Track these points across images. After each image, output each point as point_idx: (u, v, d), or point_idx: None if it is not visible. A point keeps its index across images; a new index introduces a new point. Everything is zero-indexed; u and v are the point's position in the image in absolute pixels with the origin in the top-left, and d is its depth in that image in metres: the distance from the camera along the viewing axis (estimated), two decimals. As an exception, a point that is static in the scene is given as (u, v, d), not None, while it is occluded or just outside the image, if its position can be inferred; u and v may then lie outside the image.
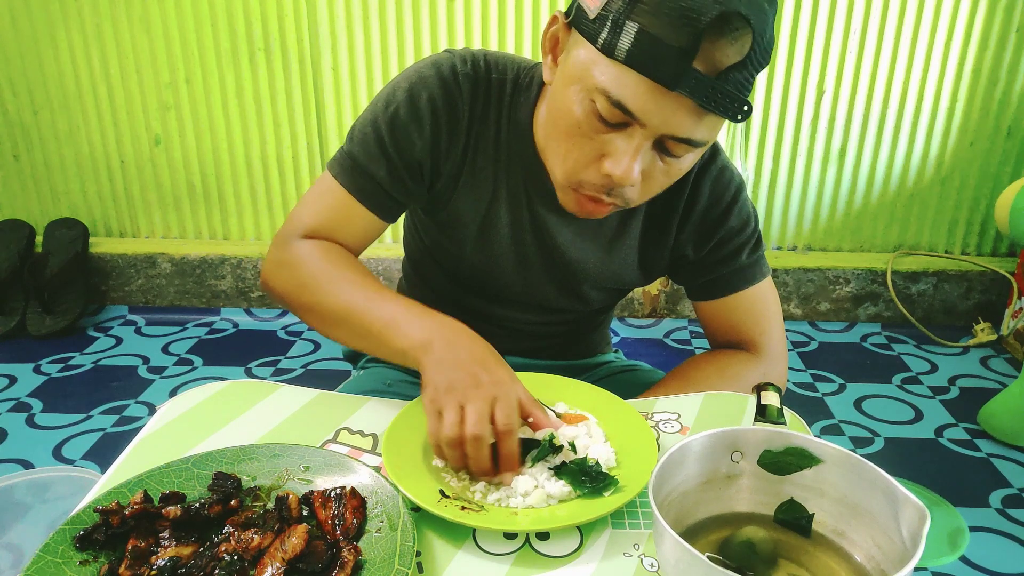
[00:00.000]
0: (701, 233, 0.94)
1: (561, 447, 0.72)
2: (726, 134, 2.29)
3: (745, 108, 0.69)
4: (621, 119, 0.71)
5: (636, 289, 2.47)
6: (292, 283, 0.88)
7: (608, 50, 0.69)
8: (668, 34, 0.65)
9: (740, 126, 2.21)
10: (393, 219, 0.93)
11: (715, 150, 0.93)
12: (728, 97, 0.68)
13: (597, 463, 0.70)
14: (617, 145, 0.73)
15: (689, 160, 0.77)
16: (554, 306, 1.01)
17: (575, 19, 0.73)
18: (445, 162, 0.89)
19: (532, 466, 0.71)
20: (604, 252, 0.94)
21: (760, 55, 0.68)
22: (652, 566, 0.62)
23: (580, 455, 0.72)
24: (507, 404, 0.70)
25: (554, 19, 0.77)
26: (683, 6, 0.65)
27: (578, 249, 0.93)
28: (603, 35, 0.69)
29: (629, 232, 0.94)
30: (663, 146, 0.73)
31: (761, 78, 2.28)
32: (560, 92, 0.76)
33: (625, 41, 0.67)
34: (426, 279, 1.06)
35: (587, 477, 0.69)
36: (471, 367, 0.72)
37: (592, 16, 0.70)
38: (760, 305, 0.97)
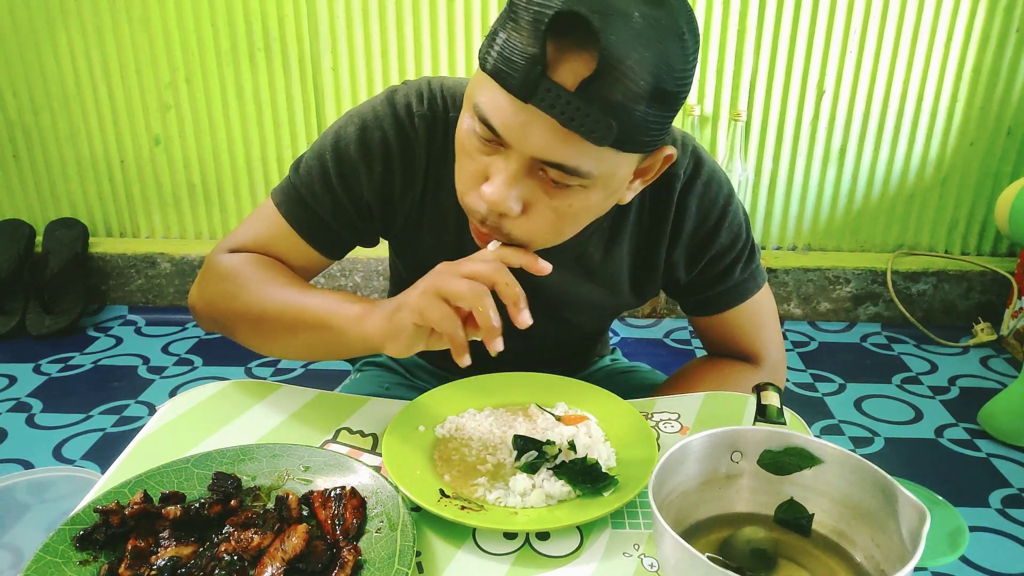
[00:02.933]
0: (691, 253, 0.89)
1: (551, 455, 0.72)
2: (726, 134, 2.29)
3: (617, 131, 0.61)
4: (490, 137, 0.66)
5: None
6: (222, 294, 0.83)
7: (482, 62, 0.64)
8: (522, 40, 0.61)
9: (740, 126, 2.20)
10: (338, 256, 0.88)
11: (698, 162, 0.86)
12: (594, 115, 0.60)
13: (597, 463, 0.70)
14: (495, 167, 0.67)
15: (583, 199, 0.68)
16: (541, 334, 0.98)
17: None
18: (400, 204, 0.84)
19: (525, 469, 0.71)
20: (588, 282, 0.90)
21: (639, 70, 0.60)
22: (652, 566, 0.62)
23: (580, 455, 0.72)
24: (475, 267, 0.66)
25: None
26: (535, 8, 0.60)
27: (558, 283, 0.88)
28: (484, 47, 0.65)
29: (614, 261, 0.89)
30: (545, 175, 0.67)
31: (761, 78, 2.28)
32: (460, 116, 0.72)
33: (494, 50, 0.63)
34: None
35: (587, 477, 0.69)
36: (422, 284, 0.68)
37: None
38: (757, 317, 0.94)
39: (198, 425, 0.78)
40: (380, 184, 0.82)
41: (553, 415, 0.80)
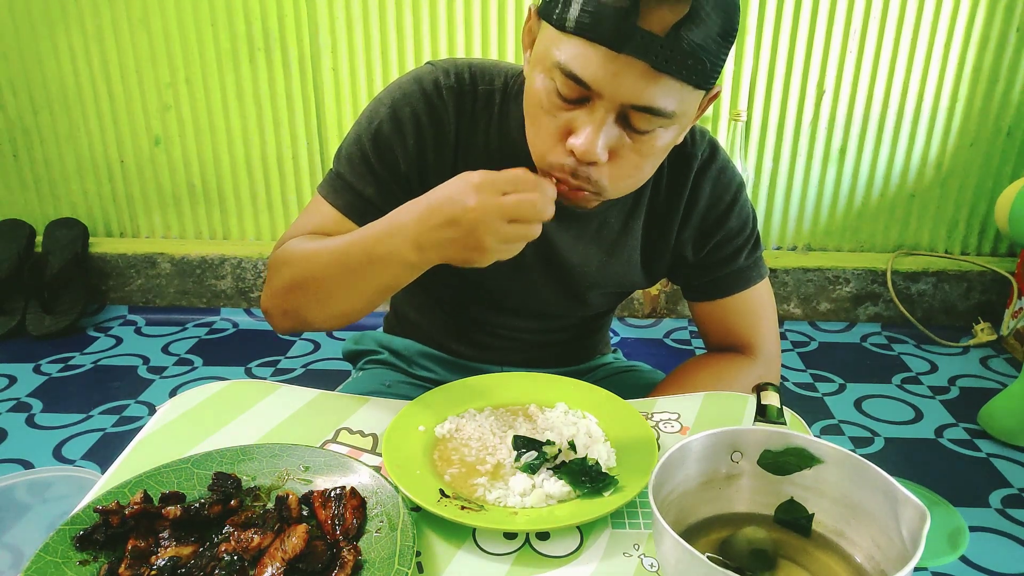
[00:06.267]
0: (701, 234, 0.93)
1: (551, 455, 0.72)
2: (726, 135, 2.29)
3: (700, 68, 0.67)
4: (579, 93, 0.70)
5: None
6: (280, 280, 0.85)
7: (560, 24, 0.68)
8: None
9: (740, 126, 2.20)
10: None
11: (714, 149, 0.92)
12: (683, 56, 0.66)
13: (597, 463, 0.70)
14: (580, 121, 0.71)
15: (662, 138, 0.74)
16: (554, 312, 1.00)
17: (541, 7, 0.73)
18: (435, 174, 0.88)
19: (525, 470, 0.71)
20: (606, 255, 0.94)
21: (713, 12, 0.66)
22: (652, 566, 0.62)
23: (580, 455, 0.72)
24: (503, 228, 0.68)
25: (529, 13, 0.77)
26: None
27: (579, 253, 0.92)
28: (556, 11, 0.69)
29: (631, 233, 0.93)
30: (628, 121, 0.71)
31: (761, 78, 2.28)
32: (528, 79, 0.75)
33: (573, 11, 0.67)
34: (424, 287, 1.05)
35: (587, 477, 0.69)
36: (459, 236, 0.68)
37: None
38: (756, 307, 0.97)
39: (198, 425, 0.78)
40: (415, 156, 0.86)
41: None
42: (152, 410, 1.78)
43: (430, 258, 0.72)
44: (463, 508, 0.65)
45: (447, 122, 0.86)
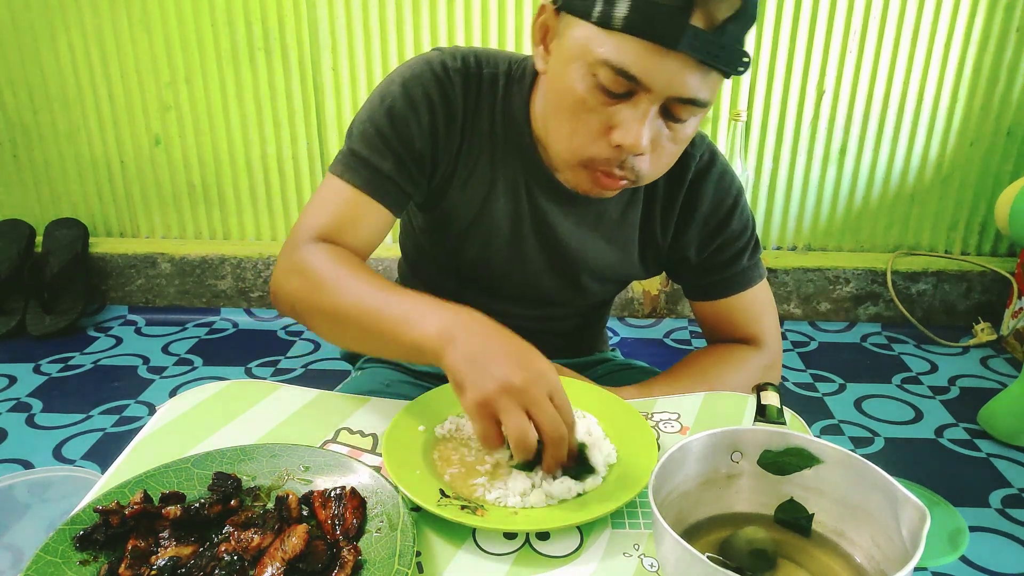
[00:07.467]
0: (704, 237, 0.95)
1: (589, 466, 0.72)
2: (726, 135, 2.29)
3: (744, 60, 0.72)
4: (626, 88, 0.72)
5: (636, 289, 2.47)
6: (303, 287, 0.84)
7: (605, 21, 0.70)
8: None
9: (740, 126, 2.20)
10: (401, 212, 0.91)
11: (713, 153, 0.94)
12: (727, 50, 0.70)
13: (583, 445, 0.71)
14: (624, 115, 0.74)
15: (692, 125, 0.78)
16: (553, 299, 1.01)
17: (564, 3, 0.74)
18: (443, 155, 0.89)
19: (520, 467, 0.71)
20: (605, 241, 0.95)
21: (752, 6, 0.70)
22: (652, 566, 0.62)
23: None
24: (563, 399, 0.68)
25: (542, 8, 0.79)
26: None
27: (578, 239, 0.94)
28: (597, 8, 0.70)
29: (628, 222, 0.95)
30: (668, 111, 0.74)
31: (761, 78, 2.28)
32: (559, 73, 0.76)
33: (621, 9, 0.69)
34: (424, 279, 1.06)
35: (570, 458, 0.69)
36: (511, 361, 0.67)
37: None
38: (757, 306, 0.99)
39: (198, 425, 0.78)
40: (429, 133, 0.87)
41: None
42: (152, 410, 1.78)
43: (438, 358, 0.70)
44: (463, 508, 0.65)
45: (456, 102, 0.87)
